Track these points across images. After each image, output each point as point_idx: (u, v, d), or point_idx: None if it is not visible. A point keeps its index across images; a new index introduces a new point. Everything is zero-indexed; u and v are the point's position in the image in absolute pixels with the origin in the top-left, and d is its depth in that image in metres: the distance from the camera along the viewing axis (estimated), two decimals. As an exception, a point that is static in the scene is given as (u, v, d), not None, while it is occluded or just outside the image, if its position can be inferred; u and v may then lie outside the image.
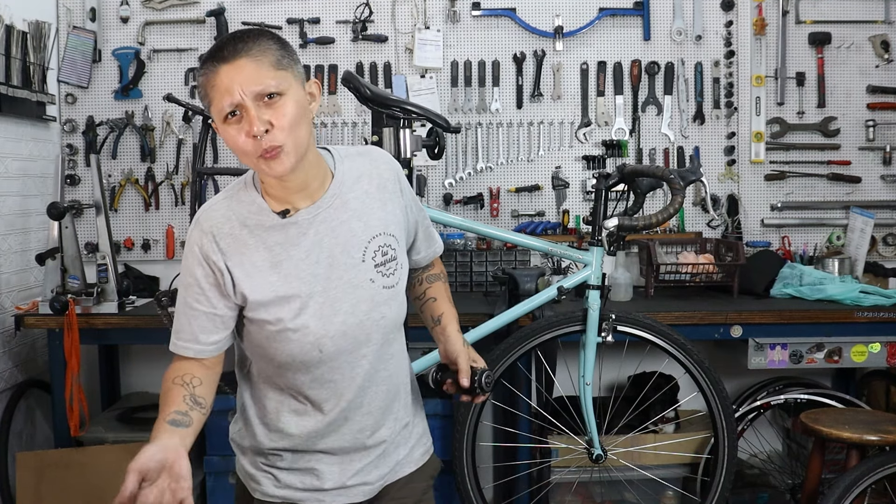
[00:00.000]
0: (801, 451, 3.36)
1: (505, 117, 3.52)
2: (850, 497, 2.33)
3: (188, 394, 1.43)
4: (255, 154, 1.38)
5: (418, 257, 1.72)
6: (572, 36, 3.51)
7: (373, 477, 1.59)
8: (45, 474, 2.81)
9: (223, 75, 1.36)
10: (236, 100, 1.36)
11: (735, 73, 3.54)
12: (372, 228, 1.51)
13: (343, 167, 1.53)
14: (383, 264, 1.51)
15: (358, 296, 1.48)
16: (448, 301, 1.73)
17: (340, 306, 1.47)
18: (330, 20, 3.48)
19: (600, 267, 2.45)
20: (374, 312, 1.50)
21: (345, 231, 1.49)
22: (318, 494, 1.57)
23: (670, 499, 3.06)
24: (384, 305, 1.51)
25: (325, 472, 1.56)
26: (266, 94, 1.37)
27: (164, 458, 1.28)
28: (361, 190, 1.53)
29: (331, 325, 1.46)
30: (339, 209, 1.49)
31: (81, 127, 3.47)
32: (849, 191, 3.58)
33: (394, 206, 1.56)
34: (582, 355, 2.47)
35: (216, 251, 1.45)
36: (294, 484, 1.57)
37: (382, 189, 1.55)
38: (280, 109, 1.37)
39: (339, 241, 1.48)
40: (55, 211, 2.85)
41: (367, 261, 1.49)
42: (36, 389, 3.18)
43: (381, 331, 1.52)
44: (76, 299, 2.85)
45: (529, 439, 2.88)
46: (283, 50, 1.41)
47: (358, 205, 1.51)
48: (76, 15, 3.42)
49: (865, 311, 2.88)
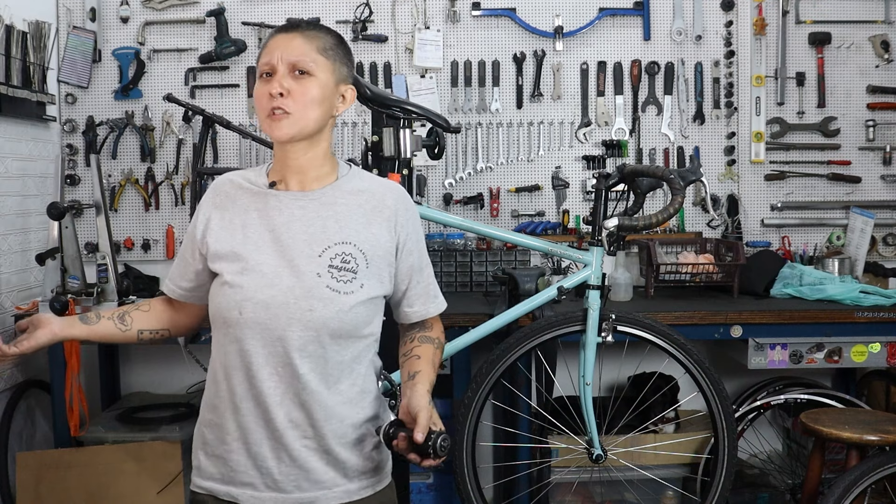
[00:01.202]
0: (801, 451, 3.36)
1: (505, 117, 3.52)
2: (850, 497, 2.33)
3: (125, 310, 1.68)
4: (265, 110, 1.52)
5: (410, 310, 1.67)
6: (572, 36, 3.51)
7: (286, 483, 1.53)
8: (45, 474, 2.81)
9: (275, 41, 1.54)
10: (273, 62, 1.52)
11: (735, 73, 3.54)
12: (343, 235, 1.55)
13: (349, 178, 1.62)
14: (338, 269, 1.52)
15: (297, 282, 1.50)
16: (431, 365, 1.61)
17: (277, 282, 1.51)
18: (330, 20, 3.48)
19: (600, 267, 2.45)
20: (303, 301, 1.49)
21: (318, 225, 1.55)
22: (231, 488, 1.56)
23: (670, 499, 3.06)
24: (318, 300, 1.49)
25: (235, 462, 1.55)
26: (298, 69, 1.52)
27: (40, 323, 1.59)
28: (355, 202, 1.58)
29: (260, 293, 1.50)
30: (324, 206, 1.56)
31: (81, 127, 3.47)
32: (849, 191, 3.58)
33: (379, 231, 1.58)
34: (582, 355, 2.47)
35: (209, 205, 1.61)
36: (213, 474, 1.58)
37: (376, 212, 1.59)
38: (304, 85, 1.52)
39: (307, 231, 1.54)
40: (55, 211, 2.85)
41: (324, 258, 1.52)
42: (36, 389, 3.18)
43: (305, 324, 1.49)
44: (76, 299, 2.85)
45: (529, 439, 2.88)
46: (336, 45, 1.57)
47: (343, 210, 1.57)
48: (76, 15, 3.43)
49: (865, 311, 2.87)
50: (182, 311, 1.72)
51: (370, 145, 2.66)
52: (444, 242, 3.42)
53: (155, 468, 2.87)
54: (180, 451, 2.89)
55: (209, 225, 1.58)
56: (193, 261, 1.62)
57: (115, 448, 2.90)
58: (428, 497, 3.12)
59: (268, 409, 1.51)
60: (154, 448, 2.89)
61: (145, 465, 2.86)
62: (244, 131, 2.90)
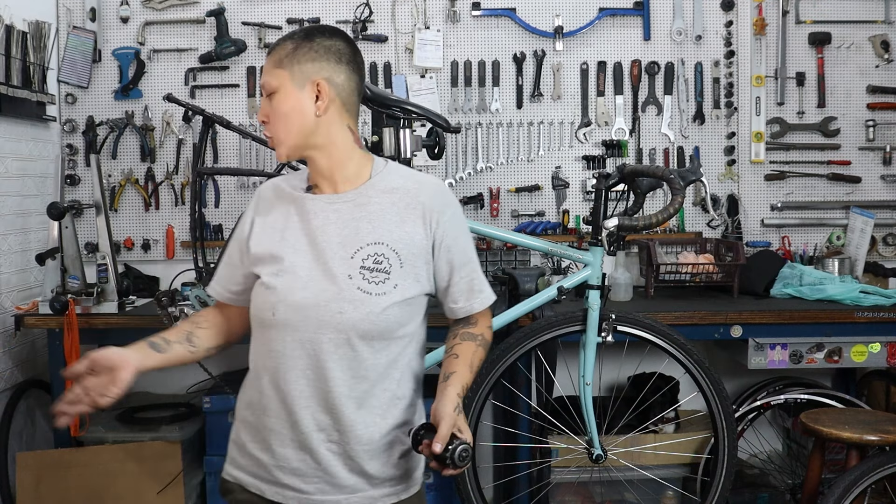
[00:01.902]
0: (801, 451, 3.36)
1: (505, 117, 3.52)
2: (850, 497, 2.33)
3: (189, 330, 1.64)
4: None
5: (455, 306, 1.64)
6: (572, 36, 3.51)
7: (304, 484, 1.54)
8: (45, 474, 2.81)
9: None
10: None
11: (735, 73, 3.54)
12: (376, 235, 1.54)
13: (383, 176, 1.60)
14: (370, 270, 1.51)
15: (329, 284, 1.51)
16: (468, 365, 1.58)
17: (310, 285, 1.51)
18: (330, 20, 3.48)
19: (600, 267, 2.45)
20: (333, 304, 1.49)
21: (351, 227, 1.54)
22: (259, 483, 1.58)
23: (670, 499, 3.06)
24: (348, 303, 1.49)
25: (263, 460, 1.57)
26: (266, 92, 1.56)
27: (116, 362, 1.47)
28: (388, 201, 1.56)
29: (292, 295, 1.51)
30: (357, 207, 1.56)
31: (81, 127, 3.47)
32: (849, 191, 3.58)
33: (413, 229, 1.55)
34: (582, 355, 2.47)
35: (253, 210, 1.65)
36: (245, 465, 1.60)
37: (409, 210, 1.56)
38: (274, 104, 1.55)
39: (341, 233, 1.54)
40: (55, 211, 2.85)
41: (356, 259, 1.52)
42: (36, 389, 3.18)
43: (335, 327, 1.49)
44: (76, 299, 2.85)
45: (529, 439, 2.88)
46: (293, 50, 1.54)
47: (376, 210, 1.56)
48: (76, 15, 3.43)
49: (865, 311, 2.88)
50: (233, 317, 1.70)
51: (370, 145, 2.66)
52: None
53: (155, 468, 2.87)
54: (180, 451, 2.90)
55: (253, 229, 1.62)
56: (241, 265, 1.63)
57: (115, 448, 2.90)
58: (428, 497, 3.12)
59: (294, 412, 1.52)
60: (154, 448, 2.89)
61: (145, 465, 2.86)
62: (244, 131, 2.90)
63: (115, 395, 1.45)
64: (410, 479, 1.61)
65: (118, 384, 1.45)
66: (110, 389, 1.44)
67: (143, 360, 1.53)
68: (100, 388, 1.44)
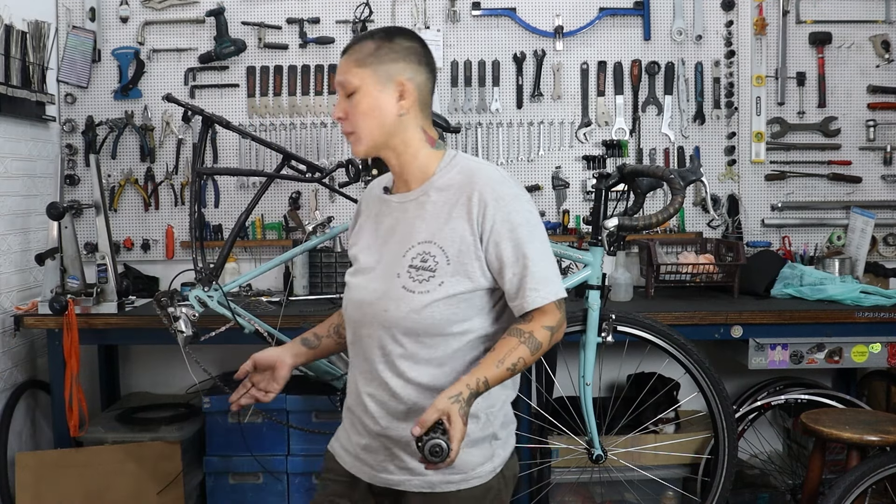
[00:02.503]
0: (801, 451, 3.36)
1: (505, 117, 3.52)
2: (851, 497, 2.33)
3: (337, 322, 1.81)
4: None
5: (513, 304, 1.57)
6: (572, 36, 3.50)
7: (374, 461, 1.64)
8: (45, 474, 2.81)
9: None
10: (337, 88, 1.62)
11: (735, 73, 3.53)
12: (427, 234, 1.57)
13: (443, 173, 1.62)
14: (416, 268, 1.55)
15: (381, 283, 1.59)
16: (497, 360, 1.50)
17: (371, 285, 1.61)
18: (330, 20, 3.48)
19: (600, 267, 2.44)
20: (380, 303, 1.58)
21: (409, 227, 1.61)
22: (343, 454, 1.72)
23: (670, 499, 3.06)
24: (392, 301, 1.56)
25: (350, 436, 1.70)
26: (345, 90, 1.59)
27: (274, 361, 1.73)
28: (442, 199, 1.59)
29: (357, 293, 1.64)
30: (417, 207, 1.61)
31: (81, 127, 3.47)
32: (849, 191, 3.58)
33: (458, 225, 1.54)
34: (582, 355, 2.46)
35: (358, 209, 1.78)
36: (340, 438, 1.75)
37: (457, 206, 1.56)
38: (354, 102, 1.58)
39: (402, 232, 1.61)
40: (55, 211, 2.85)
41: (406, 258, 1.57)
42: (36, 389, 3.18)
43: (381, 323, 1.58)
44: (76, 299, 2.85)
45: (529, 439, 2.87)
46: (375, 48, 1.58)
47: (431, 209, 1.59)
48: (76, 15, 3.42)
49: (866, 312, 2.87)
50: None
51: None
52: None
53: (155, 468, 2.87)
54: (180, 451, 2.89)
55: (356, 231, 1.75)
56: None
57: (115, 448, 2.90)
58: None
59: (360, 398, 1.64)
60: (154, 448, 2.89)
61: (145, 465, 2.86)
62: (244, 131, 2.90)
63: (276, 391, 1.73)
64: (472, 472, 1.60)
65: (278, 381, 1.73)
66: (272, 386, 1.73)
67: (297, 358, 1.77)
68: (264, 385, 1.74)
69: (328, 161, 3.42)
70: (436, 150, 1.64)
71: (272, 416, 2.90)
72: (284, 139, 3.49)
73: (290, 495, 3.03)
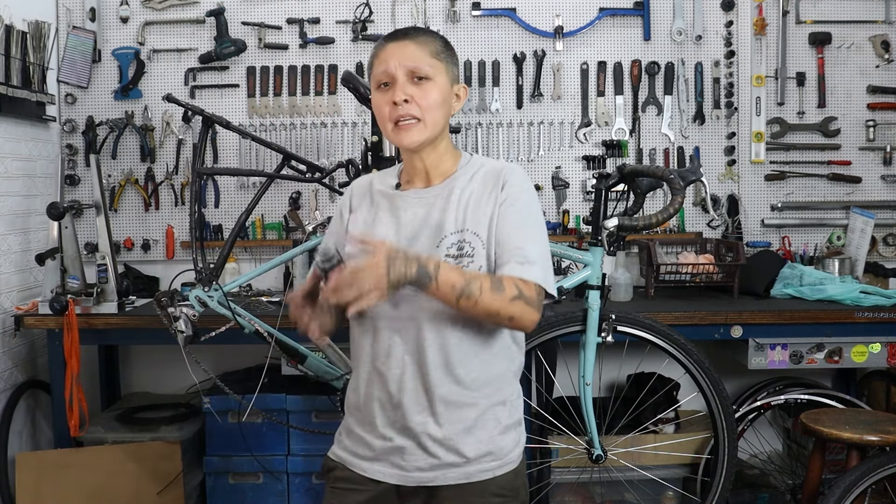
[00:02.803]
0: (801, 451, 3.36)
1: (505, 117, 3.52)
2: (851, 497, 2.33)
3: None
4: (390, 120, 1.59)
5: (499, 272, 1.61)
6: (572, 36, 3.50)
7: (405, 461, 1.60)
8: (45, 474, 2.81)
9: (388, 50, 1.59)
10: (391, 70, 1.57)
11: (735, 73, 3.54)
12: (458, 223, 1.59)
13: (467, 168, 1.65)
14: (454, 257, 1.57)
15: None
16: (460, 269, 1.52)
17: None
18: (330, 20, 3.48)
19: (600, 267, 2.45)
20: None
21: (437, 218, 1.60)
22: (357, 461, 1.65)
23: (670, 499, 3.06)
24: None
25: (368, 440, 1.64)
26: (417, 75, 1.57)
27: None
28: (469, 189, 1.61)
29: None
30: (444, 199, 1.61)
31: (81, 127, 3.47)
32: (849, 191, 3.58)
33: (487, 208, 1.59)
34: (582, 355, 2.47)
35: (347, 205, 1.72)
36: (349, 446, 1.68)
37: (485, 192, 1.60)
38: (425, 89, 1.58)
39: (429, 225, 1.60)
40: (55, 211, 2.85)
41: (441, 248, 1.57)
42: (36, 389, 3.18)
43: (427, 312, 1.56)
44: (76, 299, 2.85)
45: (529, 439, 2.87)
46: (444, 47, 1.63)
47: (457, 199, 1.61)
48: (76, 15, 3.42)
49: (866, 312, 2.87)
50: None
51: (370, 145, 2.66)
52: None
53: (155, 468, 2.87)
54: (180, 451, 2.90)
55: (349, 222, 1.69)
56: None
57: (115, 448, 2.90)
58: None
59: (394, 395, 1.59)
60: (154, 448, 2.90)
61: (145, 465, 2.86)
62: (244, 131, 2.90)
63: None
64: (505, 457, 1.64)
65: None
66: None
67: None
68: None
69: (328, 161, 3.42)
70: (455, 150, 1.69)
71: (272, 416, 2.90)
72: (284, 139, 3.49)
73: (290, 495, 3.03)
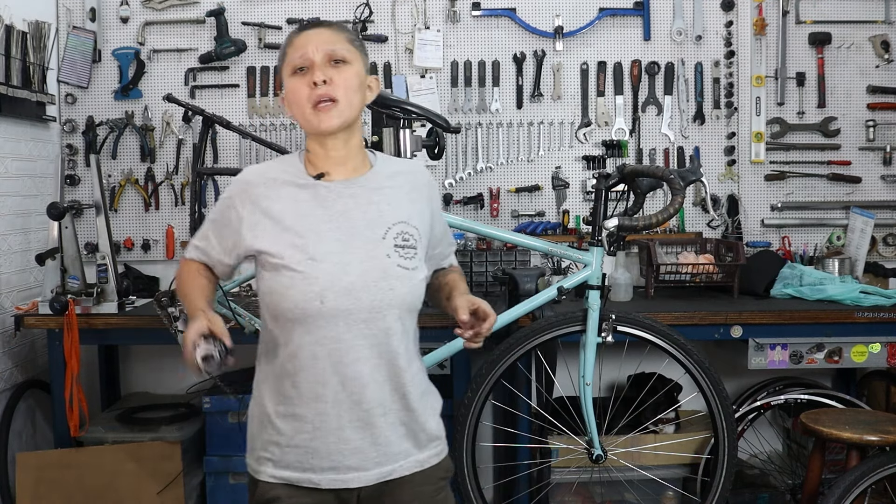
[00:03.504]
0: (801, 451, 3.36)
1: (505, 117, 3.52)
2: (851, 497, 2.33)
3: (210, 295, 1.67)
4: (309, 102, 1.56)
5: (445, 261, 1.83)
6: (572, 36, 3.50)
7: (363, 460, 1.58)
8: (45, 474, 2.81)
9: (303, 37, 1.59)
10: (308, 54, 1.56)
11: (735, 73, 3.54)
12: (399, 215, 1.62)
13: (383, 164, 1.70)
14: (402, 247, 1.59)
15: (371, 265, 1.56)
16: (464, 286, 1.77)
17: (352, 269, 1.55)
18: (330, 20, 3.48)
19: (600, 267, 2.45)
20: (383, 283, 1.56)
21: (373, 210, 1.61)
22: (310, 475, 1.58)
23: (670, 499, 3.06)
24: (395, 280, 1.57)
25: (317, 448, 1.57)
26: (335, 58, 1.57)
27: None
28: (397, 184, 1.66)
29: (339, 281, 1.53)
30: (373, 191, 1.63)
31: (81, 127, 3.47)
32: (849, 191, 3.58)
33: (421, 207, 1.67)
34: (582, 355, 2.46)
35: (244, 200, 1.59)
36: (291, 463, 1.58)
37: (415, 192, 1.68)
38: (344, 73, 1.57)
39: (365, 217, 1.60)
40: (55, 211, 2.85)
41: (388, 239, 1.59)
42: (36, 389, 3.18)
43: (388, 304, 1.56)
44: (76, 299, 2.85)
45: (529, 439, 2.88)
46: (357, 37, 1.65)
47: (390, 192, 1.64)
48: (76, 15, 3.42)
49: (865, 312, 2.87)
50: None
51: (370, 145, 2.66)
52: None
53: (155, 468, 2.87)
54: (180, 451, 2.89)
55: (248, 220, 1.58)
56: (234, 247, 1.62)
57: (115, 448, 2.90)
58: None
59: (354, 391, 1.56)
60: (154, 448, 2.89)
61: (145, 465, 2.86)
62: (244, 131, 2.90)
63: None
64: (444, 441, 1.71)
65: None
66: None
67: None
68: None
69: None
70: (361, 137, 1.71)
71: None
72: (284, 139, 3.49)
73: (291, 495, 3.02)
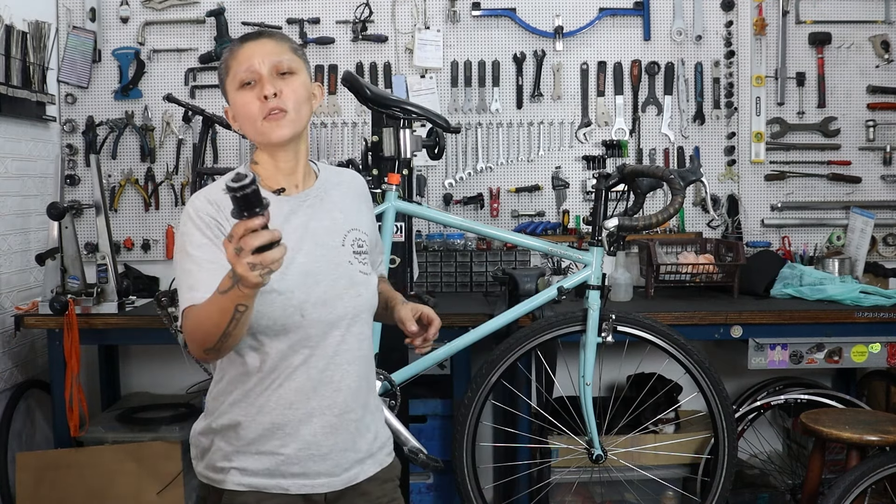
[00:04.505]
0: (801, 451, 3.36)
1: (505, 117, 3.52)
2: (851, 497, 2.33)
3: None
4: (260, 115, 1.53)
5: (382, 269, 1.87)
6: (572, 36, 3.50)
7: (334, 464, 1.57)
8: (45, 474, 2.81)
9: (246, 49, 1.55)
10: (255, 67, 1.52)
11: (735, 73, 3.54)
12: (350, 222, 1.65)
13: (326, 173, 1.69)
14: (358, 253, 1.62)
15: (339, 273, 1.58)
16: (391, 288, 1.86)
17: (322, 279, 1.55)
18: (330, 20, 3.48)
19: (600, 267, 2.45)
20: (352, 289, 1.58)
21: (328, 218, 1.62)
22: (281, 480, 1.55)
23: (670, 499, 3.06)
24: (361, 286, 1.60)
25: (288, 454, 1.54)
26: (281, 70, 1.54)
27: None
28: (341, 193, 1.67)
29: (313, 293, 1.54)
30: (324, 200, 1.63)
31: (81, 127, 3.47)
32: (849, 191, 3.58)
33: (367, 214, 1.73)
34: (582, 355, 2.46)
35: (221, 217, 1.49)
36: (258, 470, 1.55)
37: (359, 199, 1.72)
38: (291, 84, 1.55)
39: (323, 225, 1.60)
40: (55, 211, 2.85)
41: (347, 246, 1.61)
42: (36, 389, 3.18)
43: (356, 309, 1.59)
44: (76, 299, 2.85)
45: (529, 439, 2.88)
46: (299, 46, 1.63)
47: (338, 200, 1.66)
48: (76, 15, 3.42)
49: (865, 312, 2.87)
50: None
51: (370, 145, 2.66)
52: (444, 242, 3.42)
53: (155, 468, 2.87)
54: (180, 451, 2.89)
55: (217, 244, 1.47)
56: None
57: (115, 448, 2.90)
58: (428, 497, 3.12)
59: (327, 397, 1.56)
60: (154, 448, 2.89)
61: (145, 465, 2.86)
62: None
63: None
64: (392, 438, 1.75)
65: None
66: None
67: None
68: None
69: (328, 161, 3.42)
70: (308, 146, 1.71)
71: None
72: (284, 139, 3.48)
73: (291, 495, 3.02)
